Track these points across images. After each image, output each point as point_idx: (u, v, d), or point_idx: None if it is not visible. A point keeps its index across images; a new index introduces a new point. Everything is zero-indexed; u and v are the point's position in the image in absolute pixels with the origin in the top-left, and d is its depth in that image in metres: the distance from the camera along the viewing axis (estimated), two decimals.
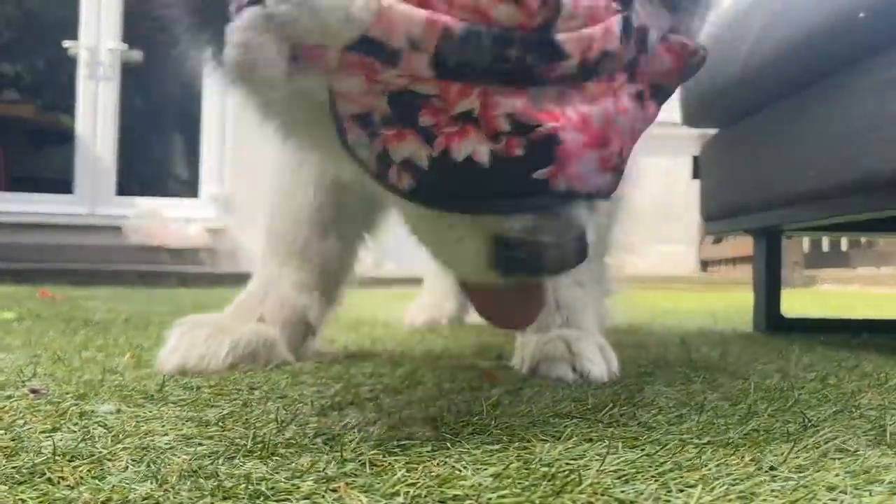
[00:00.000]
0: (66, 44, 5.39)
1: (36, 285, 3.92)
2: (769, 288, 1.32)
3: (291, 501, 0.44)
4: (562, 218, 0.57)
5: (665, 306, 2.50)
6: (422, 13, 0.49)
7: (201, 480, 0.47)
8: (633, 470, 0.49)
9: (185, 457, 0.52)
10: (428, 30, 0.48)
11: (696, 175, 1.44)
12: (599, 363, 0.83)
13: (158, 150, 6.17)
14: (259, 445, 0.54)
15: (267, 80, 0.53)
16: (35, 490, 0.45)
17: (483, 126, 0.52)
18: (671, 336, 1.29)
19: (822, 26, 0.91)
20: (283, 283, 0.83)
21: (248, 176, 5.51)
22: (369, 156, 0.55)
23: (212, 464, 0.50)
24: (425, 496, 0.45)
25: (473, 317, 1.44)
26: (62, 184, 5.42)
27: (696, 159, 1.44)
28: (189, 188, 5.63)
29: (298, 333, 0.81)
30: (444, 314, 1.41)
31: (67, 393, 0.73)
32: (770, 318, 1.32)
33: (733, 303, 2.16)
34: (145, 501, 0.44)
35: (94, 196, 5.39)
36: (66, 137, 5.62)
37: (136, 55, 5.52)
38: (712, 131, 1.36)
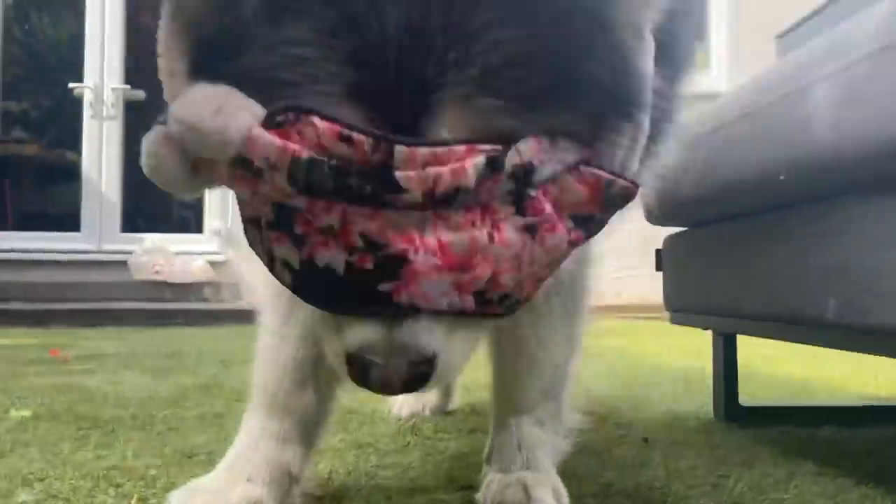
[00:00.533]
0: (72, 85, 5.52)
1: (46, 328, 4.04)
2: (727, 380, 1.42)
3: None
4: (403, 340, 0.63)
5: (631, 357, 2.60)
6: (278, 141, 0.59)
7: None
8: None
9: None
10: (280, 155, 0.59)
11: (658, 267, 1.54)
12: None
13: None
14: None
15: (174, 186, 0.65)
16: None
17: (341, 240, 0.60)
18: (633, 428, 1.39)
19: (752, 175, 1.01)
20: (267, 439, 0.93)
21: None
22: (262, 253, 0.66)
23: None
24: None
25: (454, 404, 1.55)
26: (69, 219, 5.53)
27: (658, 252, 1.54)
28: (192, 223, 5.75)
29: (284, 487, 0.91)
30: (427, 405, 1.52)
31: None
32: (729, 409, 1.42)
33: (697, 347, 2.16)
34: None
35: (100, 232, 5.50)
36: (71, 174, 5.74)
37: (139, 94, 5.65)
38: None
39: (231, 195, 0.68)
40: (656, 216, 1.43)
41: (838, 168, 0.83)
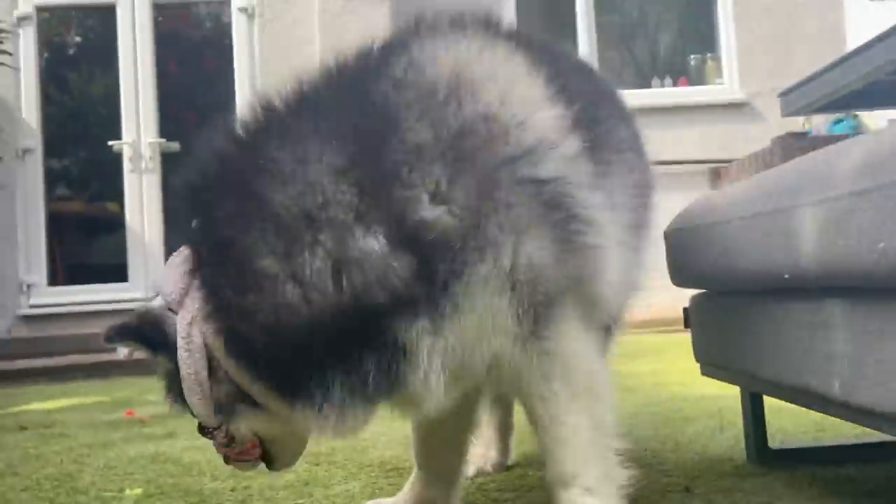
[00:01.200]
0: (111, 142, 5.80)
1: (106, 379, 4.28)
2: (756, 430, 1.58)
3: None
4: None
5: (667, 385, 2.74)
6: None
7: None
8: None
9: None
10: None
11: (686, 325, 1.70)
12: None
13: None
14: None
15: None
16: None
17: None
18: (675, 474, 1.55)
19: (760, 268, 1.18)
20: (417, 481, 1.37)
21: None
22: None
23: None
24: None
25: (511, 460, 1.72)
26: (115, 270, 5.80)
27: (685, 311, 1.70)
28: None
29: None
30: (489, 461, 1.69)
31: None
32: (760, 454, 1.58)
33: None
34: None
35: (147, 281, 5.76)
36: (114, 225, 6.02)
37: (174, 146, 5.92)
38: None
39: None
40: (678, 281, 1.60)
41: (826, 277, 0.99)
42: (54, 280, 5.80)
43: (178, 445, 2.12)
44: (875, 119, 4.82)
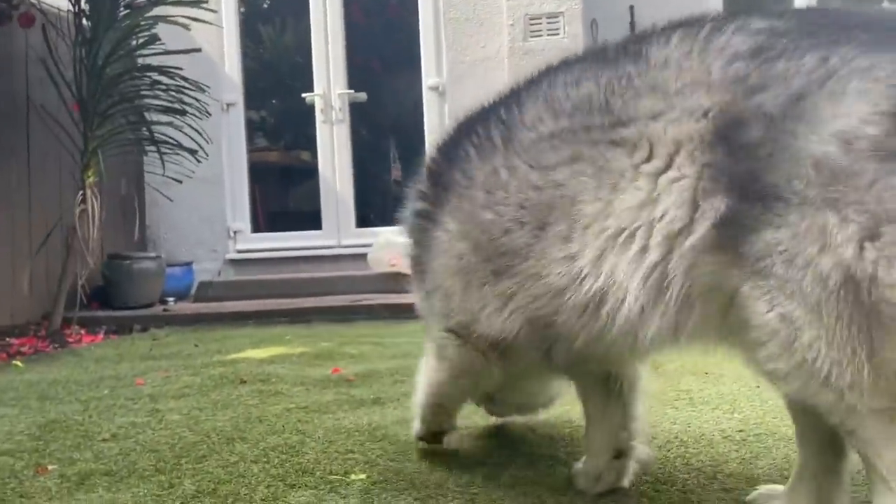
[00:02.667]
0: (304, 95, 5.99)
1: (308, 325, 4.50)
2: None
3: None
4: None
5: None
6: None
7: None
8: None
9: None
10: None
11: None
12: None
13: (386, 181, 6.68)
14: None
15: None
16: None
17: None
18: None
19: None
20: None
21: None
22: None
23: None
24: None
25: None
26: (309, 216, 6.07)
27: None
28: None
29: None
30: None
31: None
32: None
33: None
34: None
35: (339, 229, 5.98)
36: (308, 174, 6.28)
37: (361, 96, 6.01)
38: None
39: None
40: None
41: None
42: (256, 227, 6.18)
43: (388, 416, 2.12)
44: None
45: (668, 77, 1.13)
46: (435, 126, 5.92)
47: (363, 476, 1.59)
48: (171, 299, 5.35)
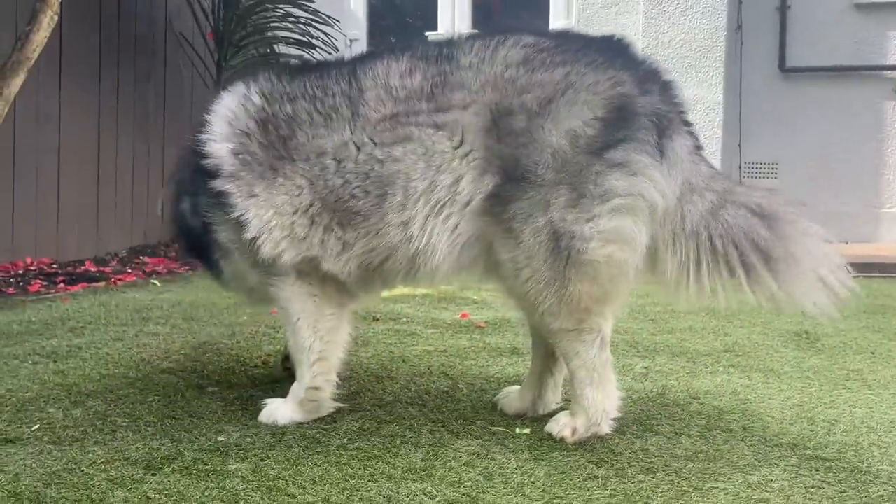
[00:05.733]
0: (427, 33, 5.89)
1: None
2: None
3: None
4: None
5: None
6: None
7: None
8: None
9: None
10: None
11: None
12: None
13: None
14: None
15: None
16: None
17: None
18: None
19: None
20: None
21: None
22: None
23: None
24: None
25: None
26: None
27: None
28: None
29: None
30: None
31: None
32: None
33: None
34: None
35: None
36: None
37: None
38: None
39: None
40: None
41: None
42: None
43: (518, 367, 2.07)
44: None
45: (471, 77, 1.48)
46: None
47: (527, 431, 1.55)
48: None
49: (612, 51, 1.48)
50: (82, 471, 1.32)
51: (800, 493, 1.26)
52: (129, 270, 4.07)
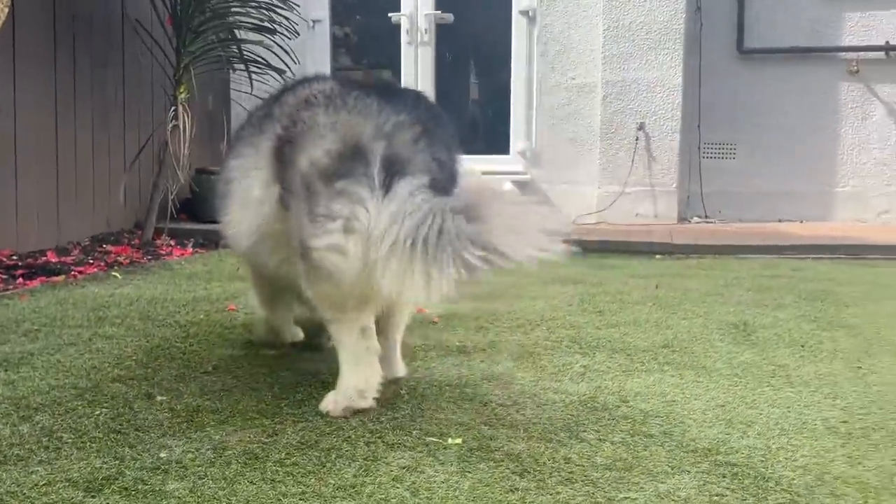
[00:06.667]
0: (390, 14, 5.87)
1: None
2: None
3: None
4: None
5: None
6: None
7: None
8: None
9: None
10: None
11: None
12: None
13: (469, 108, 6.55)
14: None
15: None
16: None
17: None
18: None
19: None
20: None
21: (551, 132, 5.69)
22: None
23: None
24: None
25: None
26: None
27: None
28: (499, 144, 5.95)
29: None
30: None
31: None
32: None
33: None
34: None
35: None
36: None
37: (448, 17, 5.86)
38: None
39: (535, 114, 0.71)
40: None
41: None
42: None
43: (475, 370, 2.15)
44: None
45: (277, 111, 1.92)
46: (523, 52, 5.74)
47: (459, 441, 1.62)
48: None
49: (390, 101, 1.77)
50: (24, 494, 1.37)
51: (703, 502, 1.35)
52: (91, 261, 4.08)
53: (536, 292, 3.32)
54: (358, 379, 1.78)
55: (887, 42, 5.35)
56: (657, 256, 4.46)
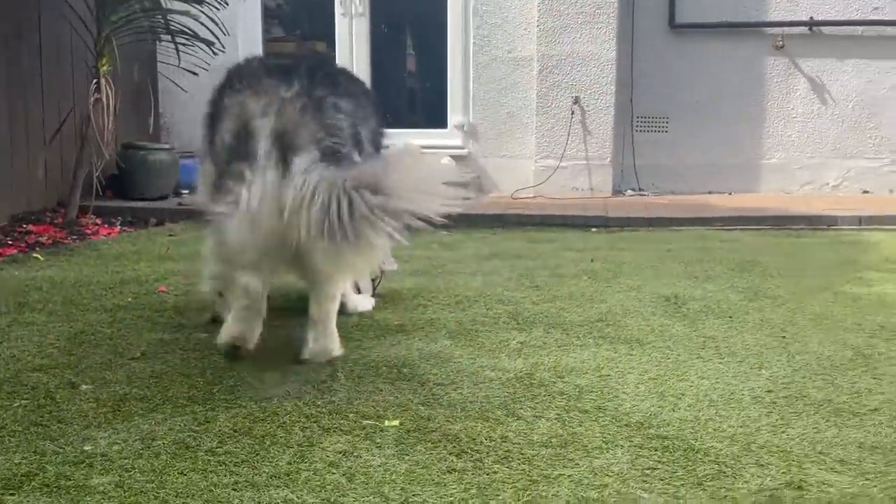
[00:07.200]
0: None
1: None
2: None
3: None
4: None
5: None
6: None
7: None
8: None
9: None
10: None
11: None
12: None
13: (403, 79, 6.47)
14: None
15: None
16: None
17: None
18: None
19: None
20: None
21: (489, 106, 5.67)
22: None
23: None
24: None
25: None
26: None
27: None
28: (436, 118, 5.90)
29: None
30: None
31: None
32: None
33: None
34: None
35: None
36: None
37: None
38: None
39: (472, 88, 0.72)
40: None
41: None
42: None
43: (413, 349, 2.14)
44: None
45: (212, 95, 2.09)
46: (458, 25, 5.69)
47: (396, 423, 1.61)
48: (185, 191, 5.32)
49: (288, 75, 1.89)
50: None
51: (636, 476, 1.38)
52: (11, 242, 3.89)
53: (475, 268, 3.32)
54: (233, 329, 1.98)
55: (811, 18, 5.51)
56: (593, 230, 4.52)
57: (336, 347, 2.05)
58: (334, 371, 1.94)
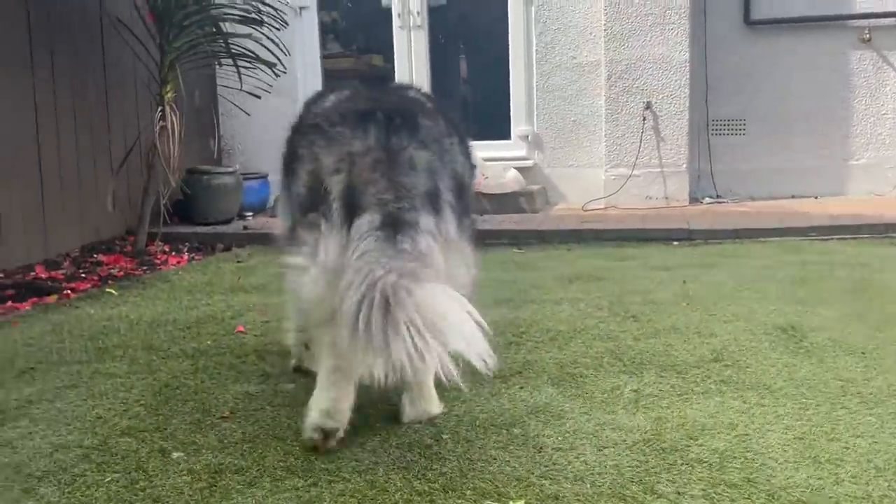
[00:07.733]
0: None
1: None
2: None
3: None
4: None
5: None
6: None
7: None
8: None
9: None
10: None
11: None
12: None
13: (466, 93, 6.32)
14: None
15: None
16: None
17: None
18: None
19: None
20: None
21: (553, 114, 5.47)
22: None
23: None
24: None
25: None
26: None
27: None
28: (499, 129, 5.73)
29: None
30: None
31: None
32: None
33: None
34: None
35: None
36: (383, 78, 5.96)
37: (441, 0, 5.62)
38: None
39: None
40: None
41: None
42: None
43: (518, 400, 1.97)
44: None
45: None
46: (520, 33, 5.51)
47: (521, 503, 1.44)
48: (249, 214, 5.26)
49: (364, 122, 1.70)
50: None
51: None
52: (83, 274, 3.86)
53: (559, 294, 3.14)
54: (322, 399, 1.73)
55: None
56: (675, 243, 4.28)
57: (435, 406, 1.89)
58: (438, 432, 1.79)
